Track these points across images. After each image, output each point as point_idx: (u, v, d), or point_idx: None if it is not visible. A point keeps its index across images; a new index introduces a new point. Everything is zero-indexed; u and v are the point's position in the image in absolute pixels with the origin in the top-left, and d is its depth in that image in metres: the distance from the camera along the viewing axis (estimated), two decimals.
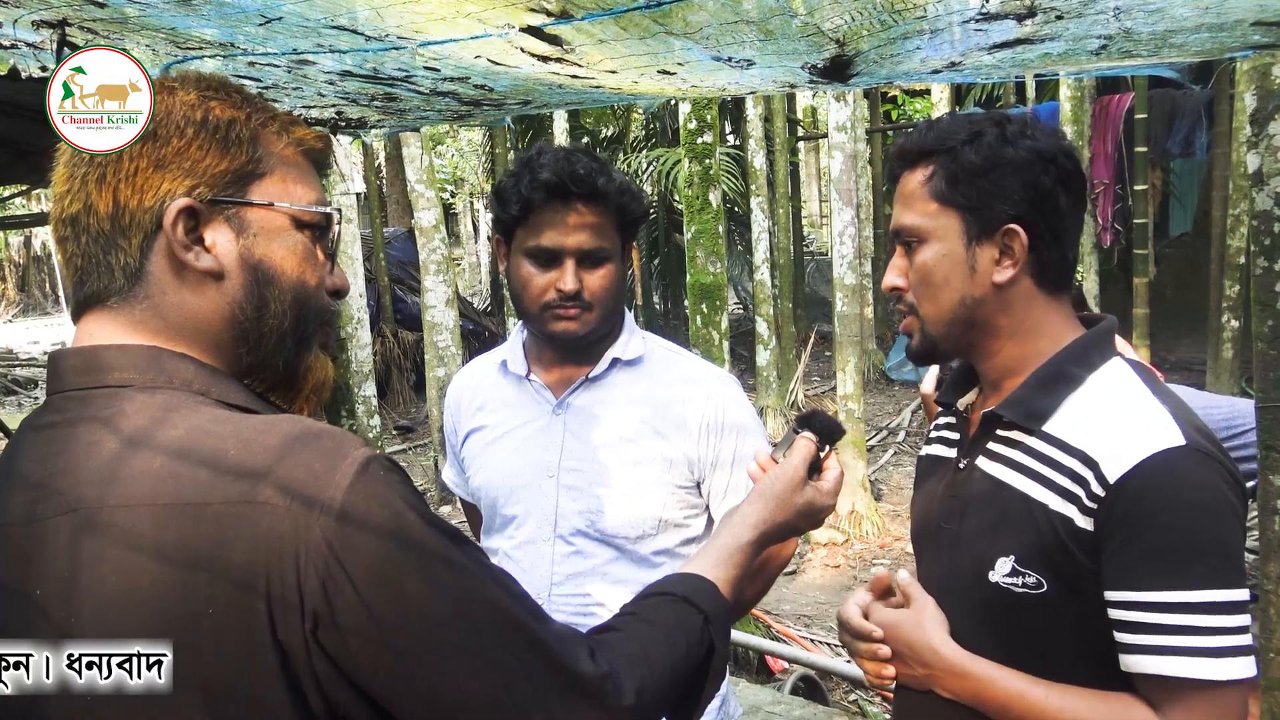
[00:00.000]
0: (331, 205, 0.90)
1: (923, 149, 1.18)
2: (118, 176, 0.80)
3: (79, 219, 0.81)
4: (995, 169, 1.13)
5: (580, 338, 1.53)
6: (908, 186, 1.19)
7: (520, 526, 1.58)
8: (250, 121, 0.84)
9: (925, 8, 1.49)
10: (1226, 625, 1.00)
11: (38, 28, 1.58)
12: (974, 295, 1.16)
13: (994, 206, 1.13)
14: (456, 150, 21.06)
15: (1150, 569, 1.01)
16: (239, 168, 0.82)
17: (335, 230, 0.91)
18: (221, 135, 0.82)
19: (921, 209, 1.17)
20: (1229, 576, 1.01)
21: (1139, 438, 1.04)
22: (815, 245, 17.82)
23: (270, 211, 0.84)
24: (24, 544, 0.75)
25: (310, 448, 0.72)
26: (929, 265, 1.17)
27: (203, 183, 0.81)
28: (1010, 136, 1.13)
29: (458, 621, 0.73)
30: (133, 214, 0.80)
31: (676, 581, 0.98)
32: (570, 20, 1.49)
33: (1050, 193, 1.13)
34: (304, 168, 0.88)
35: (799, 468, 1.13)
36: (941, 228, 1.16)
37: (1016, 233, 1.13)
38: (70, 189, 0.81)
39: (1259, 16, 1.61)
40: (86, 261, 0.81)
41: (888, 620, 1.18)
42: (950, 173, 1.14)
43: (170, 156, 0.80)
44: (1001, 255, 1.14)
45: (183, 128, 0.80)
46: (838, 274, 6.25)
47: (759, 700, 3.46)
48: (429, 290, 7.09)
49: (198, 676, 0.70)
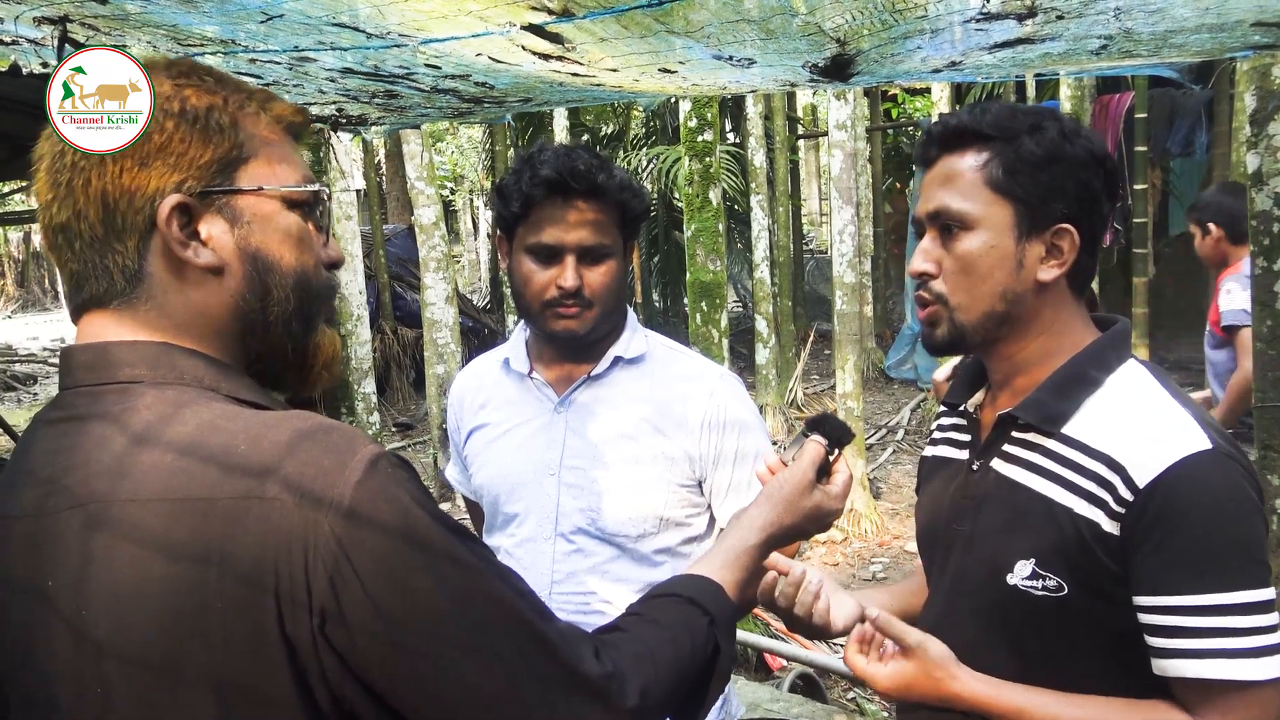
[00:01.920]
0: (320, 183, 0.89)
1: (976, 132, 1.12)
2: (103, 180, 0.78)
3: (69, 226, 0.80)
4: (1056, 164, 1.09)
5: (581, 336, 1.53)
6: (952, 169, 1.14)
7: (521, 524, 1.58)
8: (228, 105, 0.82)
9: (926, 7, 1.49)
10: (1262, 624, 1.00)
11: (39, 24, 1.58)
12: (1016, 290, 1.12)
13: (1049, 203, 1.10)
14: (456, 147, 21.05)
15: (1185, 573, 1.01)
16: (224, 155, 0.81)
17: (325, 204, 0.90)
18: (202, 124, 0.80)
19: (972, 195, 1.12)
20: (1261, 575, 1.01)
21: (1166, 442, 1.03)
22: (815, 243, 17.80)
23: (261, 196, 0.83)
24: (35, 537, 0.75)
25: (319, 444, 0.73)
26: (973, 254, 1.12)
27: (190, 176, 0.80)
28: (1068, 133, 1.11)
29: (464, 618, 0.74)
30: (125, 216, 0.79)
31: (683, 582, 0.98)
32: (572, 18, 1.49)
33: (1098, 195, 1.11)
34: (286, 144, 0.87)
35: (808, 471, 1.12)
36: (992, 216, 1.11)
37: (1069, 232, 1.11)
38: (56, 196, 0.80)
39: (1259, 17, 1.61)
40: (83, 267, 0.80)
41: (898, 683, 1.12)
42: (1009, 161, 1.10)
43: (154, 153, 0.79)
44: (1049, 253, 1.12)
45: (162, 121, 0.79)
46: (837, 272, 6.25)
47: (758, 697, 3.47)
48: (429, 287, 7.09)
49: (206, 670, 0.70)
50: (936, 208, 1.15)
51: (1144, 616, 1.04)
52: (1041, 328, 1.15)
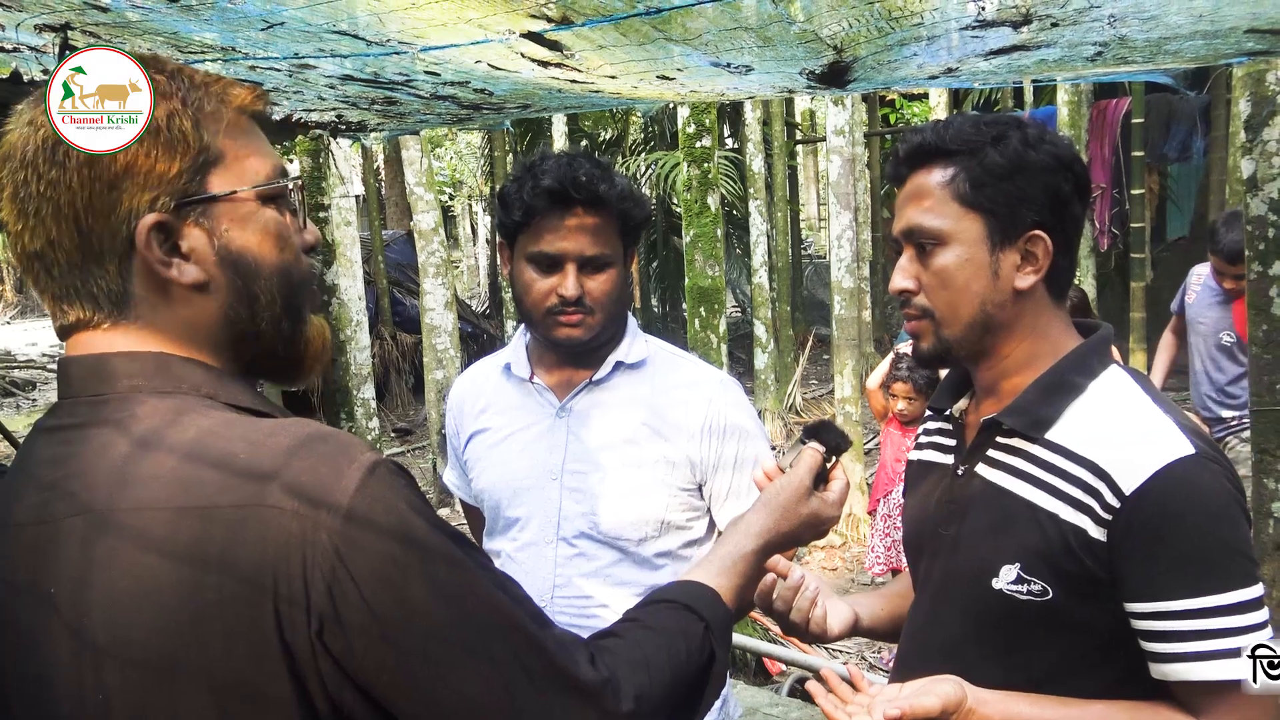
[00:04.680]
0: (290, 170, 0.86)
1: (940, 148, 1.14)
2: (74, 207, 0.76)
3: (44, 254, 0.78)
4: (1020, 173, 1.10)
5: (584, 343, 1.54)
6: (921, 186, 1.15)
7: (523, 529, 1.59)
8: (187, 107, 0.79)
9: (922, 15, 1.50)
10: (1256, 622, 1.01)
11: (40, 32, 1.59)
12: (995, 300, 1.14)
13: (1018, 211, 1.11)
14: (455, 153, 21.05)
15: (1178, 578, 1.02)
16: (191, 164, 0.79)
17: (298, 187, 0.88)
18: (165, 135, 0.78)
19: (942, 211, 1.13)
20: (1250, 574, 1.03)
21: (1150, 448, 1.04)
22: (813, 248, 17.80)
23: (235, 200, 0.81)
24: (37, 544, 0.76)
25: (317, 452, 0.73)
26: (949, 269, 1.14)
27: (161, 191, 0.77)
28: (1032, 140, 1.12)
29: (460, 625, 0.74)
30: (101, 240, 0.77)
31: (679, 589, 0.98)
32: (571, 26, 1.50)
33: (1068, 199, 1.12)
34: (251, 133, 0.84)
35: (804, 478, 1.12)
36: (964, 231, 1.13)
37: (1041, 238, 1.12)
38: (25, 225, 0.77)
39: (1252, 24, 1.62)
40: (65, 292, 0.79)
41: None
42: (974, 175, 1.12)
43: (121, 174, 0.76)
44: (1024, 261, 1.13)
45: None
46: (836, 277, 6.26)
47: (757, 702, 3.47)
48: (428, 293, 7.09)
49: (206, 675, 0.70)
50: (909, 226, 1.16)
51: (1139, 623, 1.05)
52: (1023, 333, 1.17)
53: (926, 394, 4.03)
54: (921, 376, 4.06)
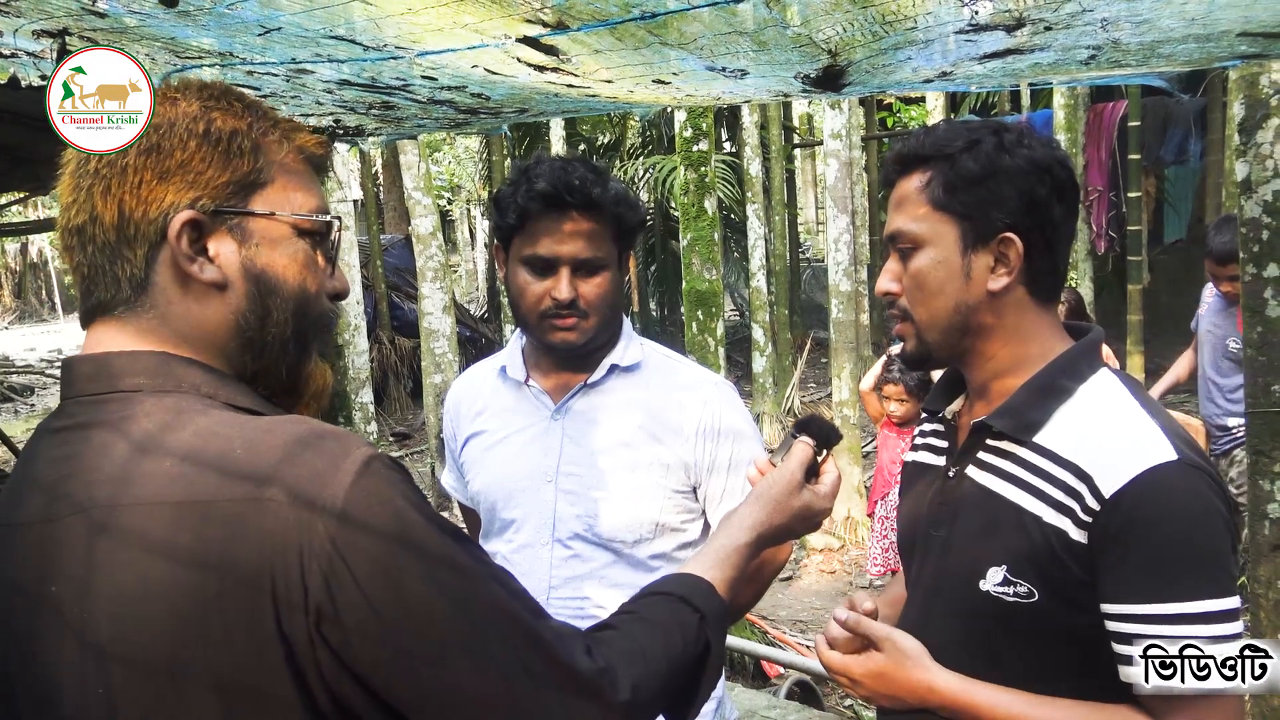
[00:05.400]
0: (332, 212, 0.92)
1: (919, 155, 1.18)
2: (122, 189, 0.80)
3: (84, 230, 0.82)
4: (992, 177, 1.13)
5: (579, 347, 1.55)
6: (903, 192, 1.19)
7: (519, 530, 1.59)
8: (252, 131, 0.85)
9: (916, 19, 1.51)
10: (1224, 633, 1.01)
11: (38, 37, 1.60)
12: (968, 302, 1.16)
13: (990, 215, 1.13)
14: (453, 157, 21.07)
15: (1148, 582, 1.02)
16: (241, 178, 0.83)
17: (336, 235, 0.92)
18: (224, 147, 0.82)
19: (917, 215, 1.17)
20: (1223, 585, 1.03)
21: (1132, 452, 1.05)
22: (811, 252, 17.84)
23: (273, 221, 0.85)
24: (39, 543, 0.77)
25: (314, 448, 0.74)
26: (924, 271, 1.17)
27: (206, 194, 0.82)
28: (1007, 145, 1.14)
29: (458, 618, 0.75)
30: (137, 225, 0.81)
31: (674, 581, 1.00)
32: (566, 31, 1.50)
33: (1045, 202, 1.14)
34: (305, 174, 0.89)
35: (796, 471, 1.14)
36: (937, 234, 1.16)
37: (1012, 241, 1.14)
38: (75, 200, 0.82)
39: (1245, 27, 1.63)
40: (92, 271, 0.82)
41: (871, 671, 1.14)
42: (947, 180, 1.15)
43: (174, 168, 0.81)
44: (997, 263, 1.15)
45: (185, 140, 0.81)
46: (833, 280, 6.27)
47: (755, 705, 3.47)
48: (426, 297, 7.10)
49: (208, 669, 0.71)
50: (893, 230, 1.20)
51: (1111, 625, 1.06)
52: (1005, 336, 1.18)
53: (918, 396, 4.03)
54: (912, 378, 4.06)
